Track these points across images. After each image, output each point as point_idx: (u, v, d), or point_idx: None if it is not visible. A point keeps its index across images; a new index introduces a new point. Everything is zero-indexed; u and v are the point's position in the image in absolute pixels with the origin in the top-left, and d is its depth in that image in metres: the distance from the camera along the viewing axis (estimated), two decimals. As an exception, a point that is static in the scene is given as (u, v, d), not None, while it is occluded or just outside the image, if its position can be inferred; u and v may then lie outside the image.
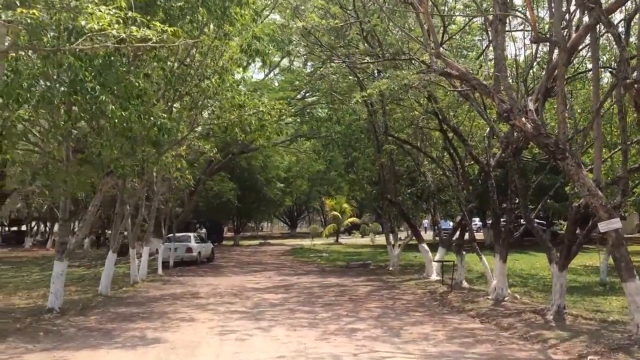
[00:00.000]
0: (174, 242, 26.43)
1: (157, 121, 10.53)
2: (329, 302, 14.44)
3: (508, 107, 8.59)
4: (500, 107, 8.67)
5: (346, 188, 29.27)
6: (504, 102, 8.72)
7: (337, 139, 23.01)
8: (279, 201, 50.29)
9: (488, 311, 12.37)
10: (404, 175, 24.36)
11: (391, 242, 24.03)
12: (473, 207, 16.16)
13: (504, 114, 8.61)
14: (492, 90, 8.91)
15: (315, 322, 11.55)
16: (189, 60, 14.27)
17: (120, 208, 16.73)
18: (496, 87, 8.89)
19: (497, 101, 8.76)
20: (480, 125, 18.04)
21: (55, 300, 13.08)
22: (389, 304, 14.09)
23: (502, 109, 8.61)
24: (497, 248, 13.94)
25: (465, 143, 14.98)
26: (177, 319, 11.96)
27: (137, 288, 18.02)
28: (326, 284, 19.02)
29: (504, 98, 8.79)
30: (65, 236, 13.47)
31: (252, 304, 14.23)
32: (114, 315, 12.56)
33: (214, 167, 34.44)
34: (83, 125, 12.52)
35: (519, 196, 12.13)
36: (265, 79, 32.07)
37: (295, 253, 36.76)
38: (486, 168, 14.37)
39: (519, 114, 8.49)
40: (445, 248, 19.25)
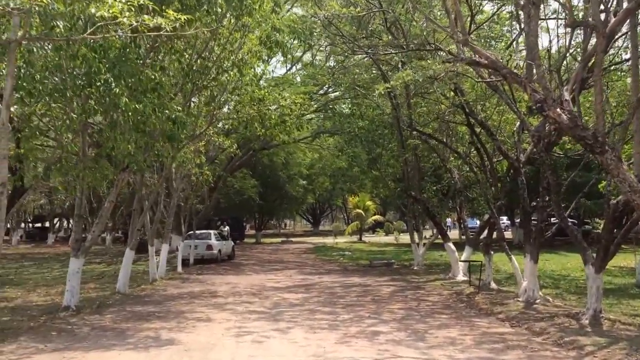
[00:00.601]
0: (194, 240, 26.18)
1: (172, 114, 10.13)
2: (351, 303, 13.94)
3: (542, 97, 7.97)
4: (534, 97, 8.06)
5: (369, 185, 28.64)
6: (537, 92, 8.11)
7: (360, 135, 22.45)
8: (301, 198, 49.91)
9: (518, 314, 11.73)
10: (429, 172, 23.72)
11: (416, 240, 23.42)
12: (502, 204, 15.48)
13: (538, 105, 8.00)
14: (525, 80, 8.30)
15: (336, 323, 11.07)
16: (207, 53, 13.89)
17: (137, 204, 16.46)
18: (529, 76, 8.28)
19: (529, 91, 8.15)
20: (509, 120, 17.36)
21: (71, 298, 12.83)
22: (413, 306, 13.53)
23: (535, 100, 8.00)
24: (528, 248, 13.28)
25: (494, 138, 14.32)
26: (193, 319, 11.59)
27: (156, 286, 17.74)
28: (348, 283, 18.51)
29: (537, 88, 8.18)
30: (81, 233, 13.20)
31: (271, 304, 13.80)
32: (130, 314, 12.24)
33: (234, 164, 34.19)
34: (99, 119, 12.25)
35: (551, 193, 11.46)
36: (287, 75, 31.65)
37: (317, 251, 36.31)
38: (516, 164, 13.71)
39: (553, 105, 7.87)
40: (472, 247, 18.58)
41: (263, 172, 46.14)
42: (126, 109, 9.63)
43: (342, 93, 26.74)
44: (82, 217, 13.16)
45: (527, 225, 13.42)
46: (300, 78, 31.90)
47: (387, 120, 21.51)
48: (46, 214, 55.27)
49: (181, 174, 19.82)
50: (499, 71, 8.53)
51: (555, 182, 11.46)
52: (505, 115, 17.10)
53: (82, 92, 9.81)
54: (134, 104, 9.77)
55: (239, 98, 15.81)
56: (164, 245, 20.44)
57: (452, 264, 19.28)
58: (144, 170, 12.89)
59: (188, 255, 25.45)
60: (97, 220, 13.34)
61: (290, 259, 30.60)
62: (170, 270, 22.21)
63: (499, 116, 16.82)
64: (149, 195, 17.11)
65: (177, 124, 10.10)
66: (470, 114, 14.79)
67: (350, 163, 24.93)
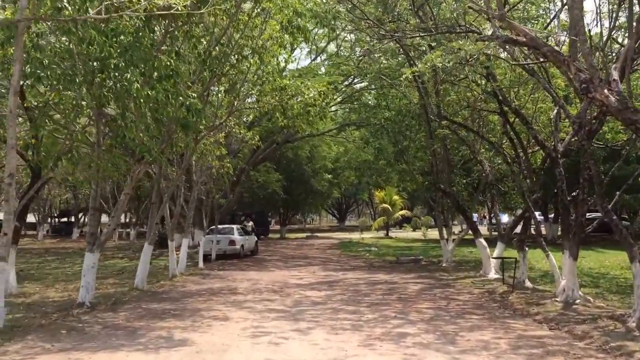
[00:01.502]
0: (217, 234, 25.72)
1: (187, 102, 9.53)
2: (376, 302, 13.22)
3: (587, 77, 7.12)
4: (578, 77, 7.21)
5: (395, 178, 27.77)
6: (582, 71, 7.26)
7: (386, 126, 21.62)
8: (326, 193, 49.26)
9: (557, 316, 10.86)
10: (458, 164, 22.80)
11: (444, 236, 22.57)
12: (538, 197, 14.56)
13: (583, 86, 7.15)
14: (568, 58, 7.46)
15: (360, 324, 10.36)
16: (226, 39, 13.28)
17: (156, 197, 15.97)
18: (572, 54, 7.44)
19: (573, 71, 7.31)
20: (543, 109, 16.41)
21: (86, 295, 12.39)
22: (442, 305, 12.74)
23: (580, 80, 7.16)
24: (567, 244, 12.37)
25: (529, 126, 13.40)
26: (209, 318, 11.01)
27: (175, 282, 17.27)
28: (374, 280, 17.79)
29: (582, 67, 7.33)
30: (97, 227, 12.73)
31: (292, 302, 13.16)
32: (145, 312, 11.73)
33: (257, 157, 33.69)
34: (113, 106, 11.74)
35: (593, 185, 10.54)
36: (311, 65, 30.98)
37: (342, 247, 35.63)
38: (553, 154, 12.79)
39: (600, 85, 7.02)
40: (505, 243, 17.66)
41: (287, 166, 45.63)
42: (138, 96, 9.07)
43: (368, 83, 25.93)
44: (98, 210, 12.66)
45: (566, 219, 12.49)
46: (324, 69, 31.21)
47: (414, 111, 20.67)
48: (72, 208, 55.64)
49: (201, 166, 19.29)
50: (539, 49, 7.70)
51: (598, 173, 10.54)
52: (540, 104, 16.16)
53: (93, 78, 9.26)
54: (146, 91, 9.21)
55: (260, 87, 15.17)
56: (184, 240, 19.98)
57: (483, 260, 18.39)
58: (160, 161, 12.33)
59: (210, 250, 25.05)
60: (113, 214, 12.86)
61: (315, 255, 29.98)
62: (192, 266, 21.82)
63: (533, 105, 15.88)
64: (168, 188, 16.59)
65: (192, 111, 9.49)
66: (504, 101, 13.89)
67: (376, 155, 24.10)
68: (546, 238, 32.21)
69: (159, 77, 10.87)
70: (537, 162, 17.52)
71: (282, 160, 45.38)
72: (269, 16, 14.17)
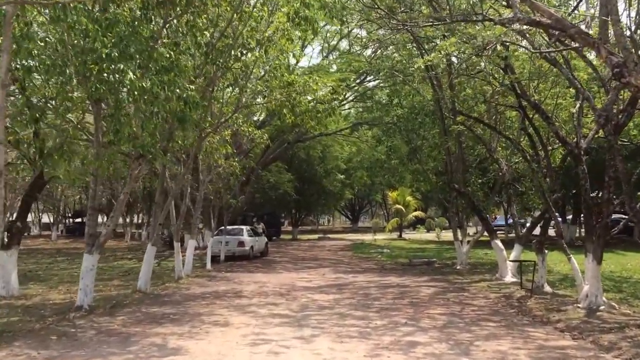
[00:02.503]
0: (225, 235, 25.17)
1: (183, 94, 8.95)
2: (386, 306, 12.54)
3: (620, 60, 6.41)
4: (610, 61, 6.51)
5: (409, 178, 27.02)
6: (615, 54, 6.55)
7: (398, 124, 20.91)
8: (338, 194, 48.55)
9: (581, 324, 10.12)
10: (473, 164, 22.02)
11: (459, 238, 21.81)
12: (558, 197, 13.79)
13: (615, 70, 6.44)
14: (598, 41, 6.76)
15: (367, 331, 9.70)
16: (230, 31, 12.69)
17: (160, 197, 15.44)
18: (603, 35, 6.73)
19: (604, 54, 6.60)
20: (564, 106, 15.63)
21: (84, 298, 11.90)
22: (456, 311, 12.03)
23: (612, 64, 6.45)
24: (590, 247, 11.60)
25: (550, 122, 12.64)
26: (209, 323, 10.41)
27: (180, 284, 16.74)
28: (385, 283, 17.10)
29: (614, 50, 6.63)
30: (95, 227, 12.21)
31: (298, 306, 12.53)
32: (143, 316, 11.16)
33: (268, 157, 33.12)
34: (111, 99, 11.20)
35: (621, 183, 9.77)
36: (323, 63, 30.36)
37: (354, 248, 34.94)
38: (576, 151, 12.03)
39: (635, 70, 6.31)
40: (522, 245, 16.88)
41: (299, 166, 45.00)
42: (132, 88, 8.50)
43: (381, 81, 25.27)
44: (97, 210, 12.15)
45: (589, 221, 11.73)
46: (336, 66, 30.59)
47: (428, 108, 19.95)
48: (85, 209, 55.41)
49: (208, 165, 18.74)
50: (566, 31, 6.99)
51: (626, 171, 9.78)
52: (559, 100, 15.38)
53: (87, 70, 8.71)
54: (141, 82, 8.63)
55: (267, 83, 14.58)
56: (191, 241, 19.45)
57: (499, 263, 17.62)
58: (161, 159, 11.77)
59: (219, 251, 24.54)
60: (112, 214, 12.33)
61: (326, 257, 29.34)
62: (199, 268, 21.32)
63: (553, 100, 15.11)
64: (172, 188, 16.05)
65: (189, 104, 8.90)
66: (523, 95, 13.13)
67: (388, 154, 23.39)
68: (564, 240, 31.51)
69: (158, 69, 10.39)
70: (556, 161, 16.76)
71: (294, 160, 44.78)
72: (276, 8, 13.60)
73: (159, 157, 11.45)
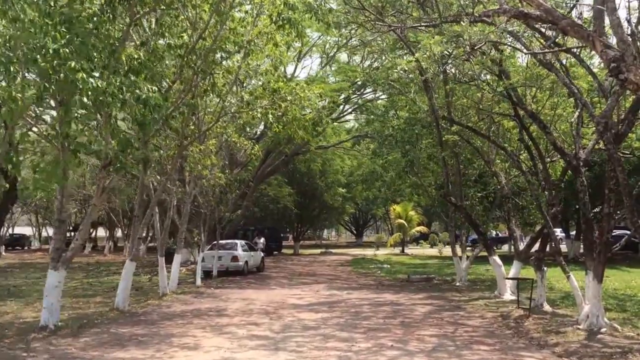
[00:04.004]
0: (219, 250, 24.42)
1: (143, 95, 8.28)
2: (375, 327, 11.75)
3: (617, 54, 5.71)
4: (606, 55, 5.80)
5: (408, 192, 26.25)
6: (611, 47, 5.84)
7: (395, 135, 20.21)
8: (340, 208, 47.76)
9: (580, 348, 9.31)
10: (472, 177, 21.28)
11: (458, 253, 21.00)
12: (557, 212, 13.00)
13: (612, 65, 5.73)
14: (592, 34, 6.06)
15: (348, 355, 8.93)
16: (209, 33, 12.05)
17: (139, 210, 14.75)
18: (598, 27, 6.03)
19: (599, 48, 5.91)
20: (563, 117, 14.94)
21: (49, 317, 11.18)
22: (449, 332, 11.23)
23: (608, 59, 5.74)
24: (590, 264, 10.82)
25: (547, 131, 11.91)
26: (177, 346, 9.66)
27: (163, 301, 16.01)
28: (379, 301, 16.30)
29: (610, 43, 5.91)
30: (63, 241, 11.52)
31: (281, 327, 11.76)
32: (109, 338, 10.42)
33: (265, 170, 32.43)
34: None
35: (622, 196, 9.01)
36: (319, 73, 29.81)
37: (354, 264, 34.08)
38: (574, 162, 11.28)
39: (634, 64, 5.59)
40: (522, 262, 16.06)
41: (301, 180, 44.35)
42: (84, 88, 7.83)
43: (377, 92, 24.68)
44: (64, 222, 11.47)
45: (589, 236, 10.94)
46: (333, 77, 30.05)
47: (424, 119, 19.25)
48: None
49: (195, 176, 18.07)
50: (557, 24, 6.30)
51: (627, 183, 9.02)
52: (558, 110, 14.68)
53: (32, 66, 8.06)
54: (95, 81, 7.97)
55: (250, 89, 13.96)
56: (176, 256, 18.69)
57: (498, 280, 16.82)
58: (131, 168, 11.08)
59: (212, 267, 23.81)
60: (81, 227, 11.65)
61: (324, 272, 28.52)
62: (190, 283, 20.62)
63: (551, 110, 14.42)
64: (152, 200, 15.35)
65: (149, 107, 8.22)
66: (519, 103, 12.42)
67: (385, 167, 22.65)
68: (567, 256, 30.59)
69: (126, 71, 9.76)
70: (556, 174, 16.04)
71: (295, 174, 44.14)
72: (260, 11, 13.02)
73: (128, 167, 10.77)
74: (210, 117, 14.71)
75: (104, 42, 9.14)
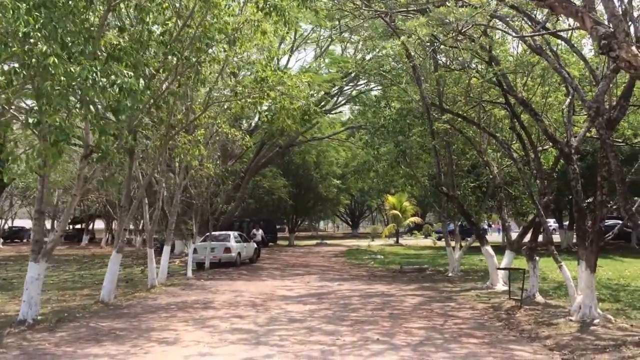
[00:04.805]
0: (211, 241, 24.16)
1: (117, 80, 7.95)
2: (362, 319, 11.49)
3: (608, 31, 5.38)
4: (596, 32, 5.48)
5: (401, 183, 25.90)
6: (601, 24, 5.52)
7: (386, 125, 19.87)
8: (335, 199, 47.52)
9: (572, 340, 9.06)
10: (465, 167, 21.00)
11: (450, 243, 20.75)
12: (549, 201, 12.72)
13: (603, 43, 5.41)
14: (582, 9, 5.74)
15: (331, 350, 8.65)
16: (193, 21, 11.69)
17: (126, 201, 14.43)
18: (588, 2, 5.70)
19: (589, 24, 5.59)
20: (554, 106, 14.65)
21: (27, 311, 10.91)
22: (438, 324, 10.97)
23: (599, 35, 5.42)
24: (583, 253, 10.56)
25: (538, 118, 11.60)
26: (155, 340, 9.37)
27: (150, 293, 15.73)
28: (370, 292, 16.05)
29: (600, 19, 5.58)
30: (42, 233, 11.21)
31: (266, 319, 11.49)
32: (87, 332, 10.12)
33: (259, 161, 32.11)
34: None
35: (616, 183, 8.71)
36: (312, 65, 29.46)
37: (348, 255, 33.85)
38: (566, 149, 10.99)
39: (626, 41, 5.27)
40: (514, 252, 15.81)
41: (296, 172, 44.07)
42: (56, 73, 7.51)
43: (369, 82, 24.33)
44: (43, 213, 11.15)
45: (581, 225, 10.67)
46: (326, 69, 29.70)
47: (416, 109, 18.91)
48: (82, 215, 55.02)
49: (185, 167, 17.74)
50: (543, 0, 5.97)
51: (620, 169, 8.72)
52: (549, 99, 14.38)
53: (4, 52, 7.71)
54: (69, 67, 7.65)
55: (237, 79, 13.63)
56: (165, 247, 18.40)
57: (490, 270, 16.58)
58: (113, 157, 10.74)
59: (204, 258, 23.58)
60: (62, 218, 11.32)
61: (317, 263, 28.28)
62: (182, 275, 20.36)
63: (542, 98, 14.11)
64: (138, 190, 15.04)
65: (124, 92, 7.88)
66: (509, 91, 12.10)
67: (376, 157, 22.33)
68: (560, 246, 30.41)
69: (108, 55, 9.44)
70: (549, 164, 15.78)
71: (290, 166, 43.88)
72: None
73: (110, 156, 10.44)
74: (198, 106, 14.37)
75: (80, 27, 8.80)
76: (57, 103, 7.64)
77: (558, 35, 9.31)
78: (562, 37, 9.62)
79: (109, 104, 8.47)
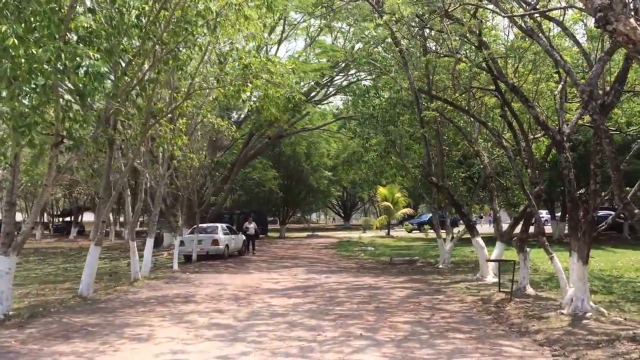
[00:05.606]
0: (198, 234, 23.73)
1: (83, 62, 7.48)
2: (347, 313, 11.10)
3: (605, 2, 4.95)
4: (591, 4, 5.05)
5: (391, 174, 25.48)
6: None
7: (375, 114, 19.43)
8: (326, 190, 47.13)
9: (563, 335, 8.68)
10: (456, 157, 20.62)
11: (441, 235, 20.39)
12: (541, 191, 12.34)
13: (599, 15, 4.98)
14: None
15: (311, 347, 8.24)
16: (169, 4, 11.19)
17: (104, 192, 13.95)
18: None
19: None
20: (546, 94, 14.27)
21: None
22: (424, 318, 10.58)
23: (594, 8, 4.99)
24: (575, 245, 10.19)
25: (529, 104, 11.19)
26: (127, 337, 8.92)
27: (132, 287, 15.32)
28: (357, 285, 15.68)
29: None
30: (13, 225, 10.72)
31: (247, 314, 11.08)
32: (57, 329, 9.66)
33: (248, 153, 31.63)
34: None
35: (611, 170, 8.32)
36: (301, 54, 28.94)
37: (339, 246, 33.52)
38: (558, 137, 10.59)
39: (623, 13, 4.85)
40: (505, 243, 15.45)
41: (287, 164, 43.63)
42: (16, 55, 7.03)
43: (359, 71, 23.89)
44: (14, 205, 10.67)
45: (574, 215, 10.29)
46: (316, 59, 29.22)
47: (405, 98, 18.47)
48: (72, 207, 54.60)
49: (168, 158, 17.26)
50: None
51: (615, 156, 8.33)
52: (541, 85, 13.99)
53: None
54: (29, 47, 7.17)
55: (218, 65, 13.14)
56: (148, 240, 17.94)
57: (480, 262, 16.23)
58: (86, 146, 10.27)
59: (191, 251, 23.19)
60: (32, 209, 10.86)
61: (307, 255, 27.93)
62: (168, 268, 19.96)
63: (534, 86, 13.73)
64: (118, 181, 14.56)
65: (90, 75, 7.41)
66: (499, 76, 11.68)
67: (365, 147, 21.90)
68: (552, 237, 30.16)
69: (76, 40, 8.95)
70: (540, 153, 15.42)
71: (280, 157, 43.44)
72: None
73: (84, 145, 9.97)
74: (181, 95, 13.89)
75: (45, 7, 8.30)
76: (16, 87, 7.16)
77: (550, 17, 8.88)
78: (554, 19, 9.21)
79: (75, 88, 8.00)
